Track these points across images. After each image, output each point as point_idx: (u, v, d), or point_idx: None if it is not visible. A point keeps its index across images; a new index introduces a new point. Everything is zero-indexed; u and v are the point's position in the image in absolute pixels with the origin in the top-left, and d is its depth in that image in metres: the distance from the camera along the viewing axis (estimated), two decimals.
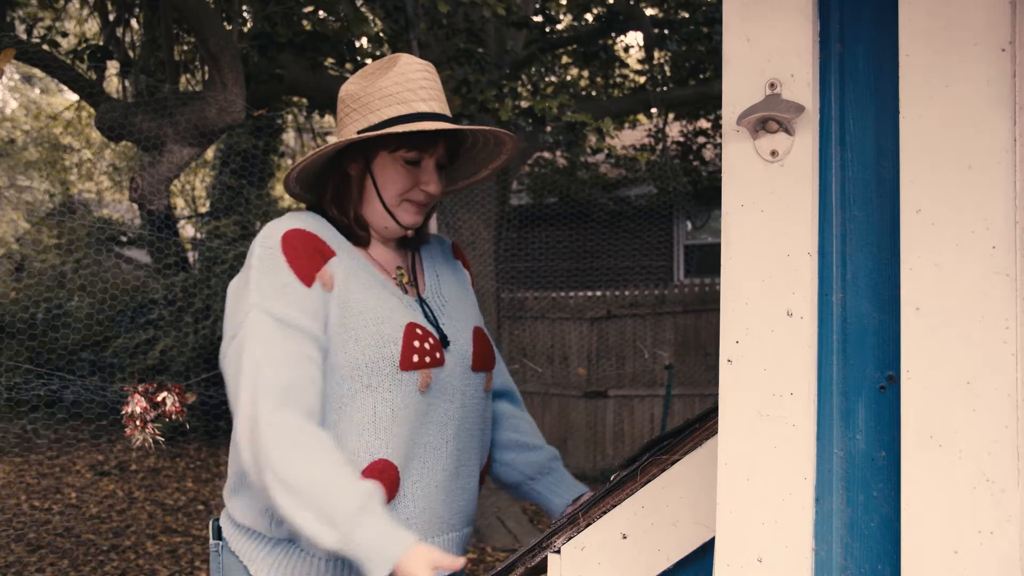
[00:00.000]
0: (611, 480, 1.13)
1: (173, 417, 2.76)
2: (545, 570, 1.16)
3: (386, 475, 1.32)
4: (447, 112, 1.41)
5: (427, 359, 1.35)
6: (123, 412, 2.75)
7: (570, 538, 1.12)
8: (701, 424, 1.07)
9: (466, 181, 1.59)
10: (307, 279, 1.29)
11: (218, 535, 1.44)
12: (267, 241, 1.31)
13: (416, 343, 1.34)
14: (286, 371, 1.24)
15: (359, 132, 1.38)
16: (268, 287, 1.28)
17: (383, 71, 1.40)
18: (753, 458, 0.84)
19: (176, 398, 2.79)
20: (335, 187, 1.42)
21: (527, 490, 1.62)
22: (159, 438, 2.76)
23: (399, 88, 1.37)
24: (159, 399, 2.76)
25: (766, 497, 0.83)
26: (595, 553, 1.06)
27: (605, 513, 1.09)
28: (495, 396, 1.62)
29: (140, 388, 2.77)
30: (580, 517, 1.12)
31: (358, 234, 1.42)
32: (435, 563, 1.16)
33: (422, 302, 1.46)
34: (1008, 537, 0.72)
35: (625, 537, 1.04)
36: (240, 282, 1.33)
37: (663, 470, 1.06)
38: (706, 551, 0.99)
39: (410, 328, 1.35)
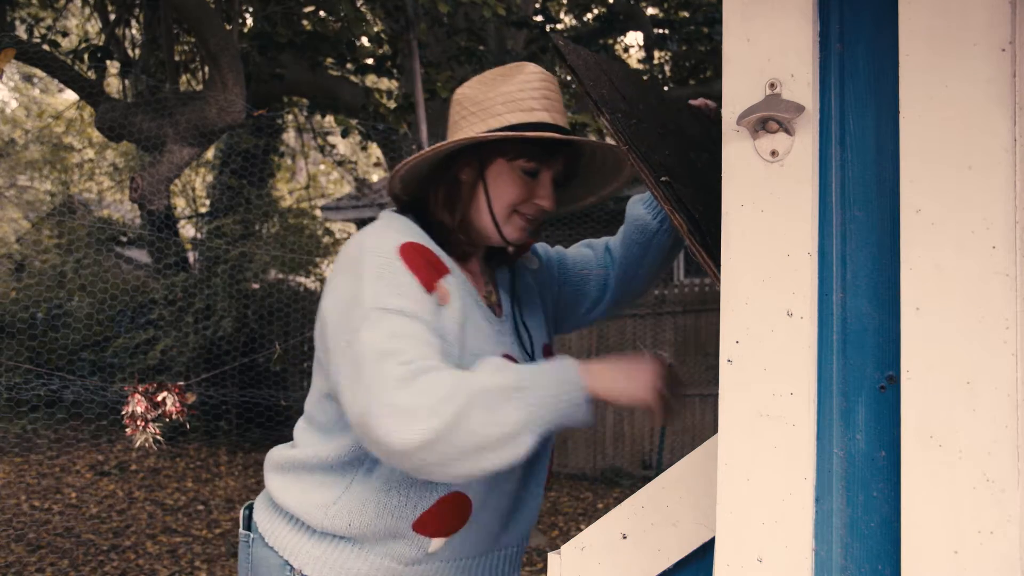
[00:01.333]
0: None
1: (173, 417, 2.76)
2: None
3: (458, 508, 1.29)
4: (567, 126, 1.35)
5: None
6: (123, 412, 2.76)
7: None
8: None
9: (578, 204, 1.53)
10: (428, 286, 1.22)
11: (248, 525, 1.38)
12: (380, 250, 1.23)
13: None
14: (411, 352, 1.14)
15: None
16: (385, 289, 1.18)
17: (506, 77, 1.35)
18: (753, 458, 0.84)
19: (176, 398, 2.79)
20: (446, 192, 1.34)
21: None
22: (159, 438, 2.77)
23: (523, 95, 1.32)
24: (159, 399, 2.77)
25: (766, 497, 0.83)
26: (595, 553, 1.06)
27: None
28: (612, 250, 1.60)
29: (140, 388, 2.77)
30: None
31: (461, 242, 1.35)
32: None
33: (515, 322, 1.40)
34: (1008, 537, 0.72)
35: (625, 537, 1.04)
36: (346, 293, 1.21)
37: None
38: (706, 551, 0.99)
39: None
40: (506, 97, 1.31)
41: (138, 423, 2.71)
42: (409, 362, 1.12)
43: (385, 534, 1.28)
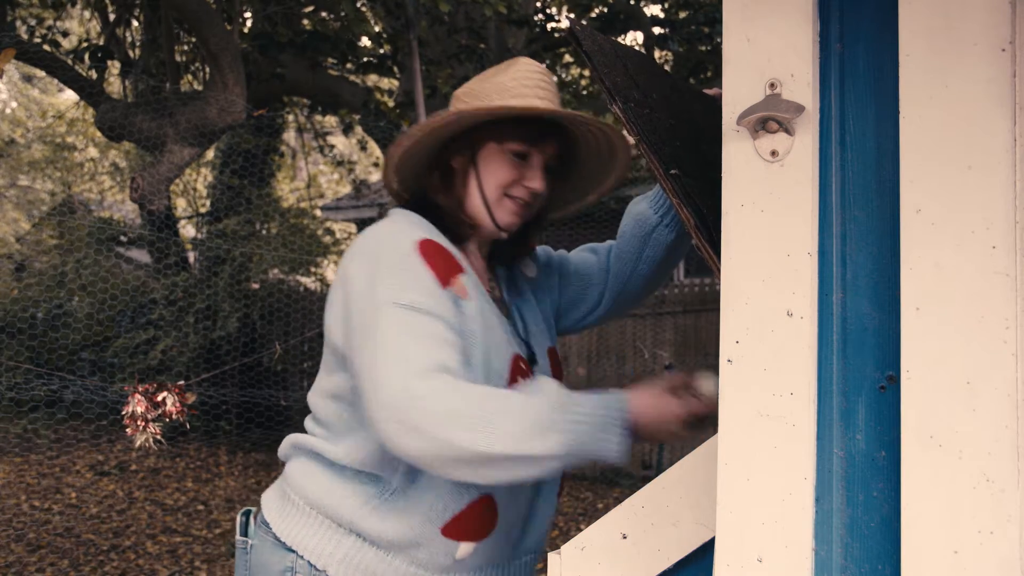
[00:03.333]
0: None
1: (173, 417, 2.76)
2: None
3: (487, 513, 1.29)
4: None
5: None
6: (123, 412, 2.76)
7: None
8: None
9: (578, 203, 1.55)
10: (444, 282, 1.24)
11: (246, 530, 1.36)
12: (397, 245, 1.25)
13: (520, 378, 1.30)
14: (429, 353, 1.15)
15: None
16: (400, 282, 1.20)
17: (502, 70, 1.38)
18: (753, 458, 0.84)
19: (176, 398, 2.79)
20: (440, 178, 1.37)
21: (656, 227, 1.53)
22: (159, 438, 2.77)
23: (516, 84, 1.35)
24: (159, 399, 2.77)
25: (766, 497, 0.83)
26: (595, 553, 1.06)
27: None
28: (597, 252, 1.60)
29: (140, 388, 2.77)
30: None
31: (466, 226, 1.36)
32: (665, 395, 1.17)
33: (514, 321, 1.41)
34: (1008, 537, 0.72)
35: (625, 537, 1.04)
36: (363, 288, 1.22)
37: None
38: (706, 551, 0.99)
39: (515, 361, 1.31)
40: (499, 87, 1.35)
41: (138, 423, 2.72)
42: (433, 363, 1.13)
43: (412, 538, 1.27)
